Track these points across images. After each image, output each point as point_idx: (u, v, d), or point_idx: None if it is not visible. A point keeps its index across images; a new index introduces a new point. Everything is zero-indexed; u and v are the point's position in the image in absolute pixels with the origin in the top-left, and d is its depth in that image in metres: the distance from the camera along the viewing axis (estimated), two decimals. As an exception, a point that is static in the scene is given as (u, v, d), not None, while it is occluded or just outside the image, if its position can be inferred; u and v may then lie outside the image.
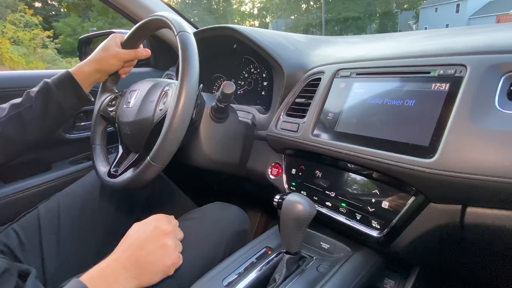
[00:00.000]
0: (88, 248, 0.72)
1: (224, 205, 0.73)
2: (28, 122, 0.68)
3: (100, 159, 0.76)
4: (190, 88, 0.56)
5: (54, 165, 1.00)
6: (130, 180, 0.60)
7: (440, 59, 0.50)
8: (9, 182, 0.90)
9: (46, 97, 0.69)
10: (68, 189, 0.80)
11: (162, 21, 0.64)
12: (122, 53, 0.74)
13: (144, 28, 0.72)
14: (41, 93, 0.69)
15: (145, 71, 1.20)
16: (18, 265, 0.55)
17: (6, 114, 0.67)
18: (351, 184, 0.59)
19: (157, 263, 0.49)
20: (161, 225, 0.54)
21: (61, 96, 0.70)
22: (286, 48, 0.80)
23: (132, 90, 0.72)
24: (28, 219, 0.71)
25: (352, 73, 0.63)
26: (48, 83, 0.69)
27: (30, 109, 0.68)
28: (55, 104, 0.70)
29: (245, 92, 1.01)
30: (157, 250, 0.50)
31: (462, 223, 0.46)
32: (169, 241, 0.52)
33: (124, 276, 0.47)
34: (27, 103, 0.68)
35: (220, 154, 0.76)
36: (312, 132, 0.64)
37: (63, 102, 0.70)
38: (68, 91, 0.71)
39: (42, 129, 0.71)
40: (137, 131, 0.68)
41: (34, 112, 0.68)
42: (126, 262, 0.48)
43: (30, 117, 0.68)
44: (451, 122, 0.44)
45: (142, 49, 0.78)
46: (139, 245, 0.50)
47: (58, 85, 0.70)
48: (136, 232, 0.53)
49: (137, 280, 0.48)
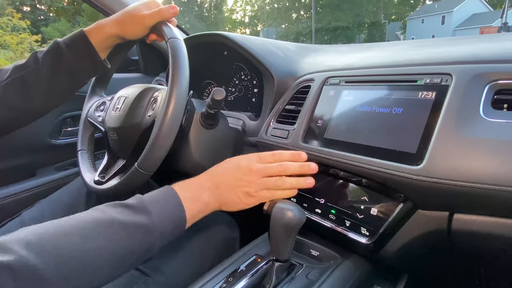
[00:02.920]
0: (72, 257, 0.70)
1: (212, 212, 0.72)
2: (32, 87, 0.60)
3: (86, 165, 0.74)
4: (180, 94, 0.55)
5: (38, 171, 0.97)
6: (117, 187, 0.59)
7: (426, 68, 0.51)
8: (-10, 189, 0.87)
9: (55, 60, 0.60)
10: (53, 196, 0.78)
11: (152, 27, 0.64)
12: (148, 17, 0.61)
13: None
14: (50, 54, 0.60)
15: (135, 76, 1.19)
16: None
17: (8, 77, 0.59)
18: (341, 191, 0.59)
19: (234, 198, 0.54)
20: (245, 163, 0.55)
21: (73, 59, 0.61)
22: (276, 55, 0.81)
23: (121, 96, 0.71)
24: (11, 226, 0.68)
25: (341, 81, 0.64)
26: (58, 43, 0.60)
27: (35, 72, 0.59)
28: (65, 68, 0.61)
29: (235, 98, 1.01)
30: (234, 189, 0.53)
31: (449, 229, 0.46)
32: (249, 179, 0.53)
33: (207, 193, 0.52)
34: (32, 65, 0.60)
35: (209, 160, 0.75)
36: (302, 139, 0.64)
37: (74, 66, 0.61)
38: (80, 54, 0.61)
39: (48, 97, 0.62)
40: (125, 137, 0.67)
41: (40, 76, 0.59)
42: (210, 183, 0.53)
43: (35, 81, 0.59)
44: (437, 130, 0.45)
45: (167, 7, 0.63)
46: (220, 175, 0.55)
47: (70, 46, 0.60)
48: (222, 164, 0.58)
49: (217, 202, 0.53)
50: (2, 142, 0.85)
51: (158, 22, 0.62)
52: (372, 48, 0.82)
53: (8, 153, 0.88)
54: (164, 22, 0.62)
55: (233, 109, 0.98)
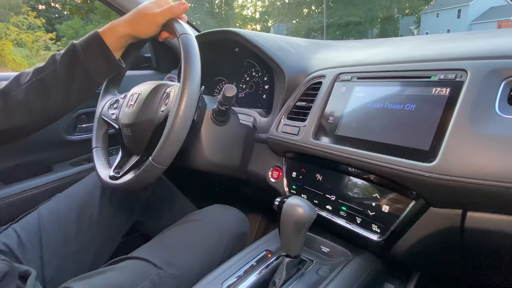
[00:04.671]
0: (87, 249, 0.72)
1: (224, 208, 0.73)
2: (51, 89, 0.61)
3: (101, 161, 0.76)
4: (192, 89, 0.56)
5: (55, 167, 1.00)
6: (132, 181, 0.60)
7: (440, 63, 0.50)
8: (10, 183, 0.90)
9: (71, 61, 0.61)
10: (69, 191, 0.80)
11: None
12: (159, 15, 0.62)
13: None
14: (67, 56, 0.61)
15: (147, 73, 1.21)
16: (18, 266, 0.55)
17: (28, 80, 0.60)
18: (352, 188, 0.59)
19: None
20: None
21: (88, 60, 0.61)
22: (287, 51, 0.81)
23: (134, 93, 0.72)
24: (28, 219, 0.70)
25: (353, 77, 0.63)
26: (74, 45, 0.61)
27: (54, 74, 0.60)
28: (81, 70, 0.61)
29: (246, 95, 1.01)
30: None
31: (462, 227, 0.46)
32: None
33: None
34: (51, 67, 0.61)
35: (220, 156, 0.76)
36: (313, 136, 0.64)
37: (90, 67, 0.62)
38: (96, 55, 0.62)
39: (66, 97, 0.63)
40: (139, 133, 0.68)
41: (58, 78, 0.61)
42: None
43: (53, 83, 0.61)
44: (451, 127, 0.44)
45: (177, 4, 0.64)
46: None
47: (85, 48, 0.61)
48: None
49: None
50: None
51: (169, 20, 0.63)
52: (385, 44, 0.81)
53: (26, 149, 0.91)
54: (175, 19, 0.63)
55: (244, 106, 0.98)
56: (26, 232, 0.66)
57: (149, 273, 0.55)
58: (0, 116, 0.58)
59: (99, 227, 0.76)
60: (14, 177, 0.91)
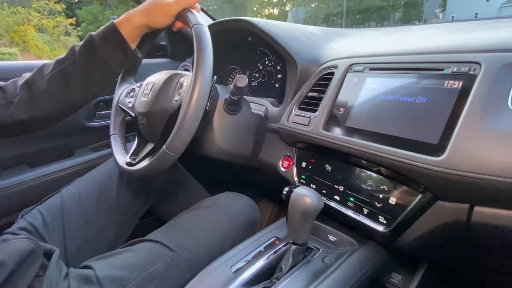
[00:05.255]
0: (106, 231, 0.76)
1: (235, 195, 0.76)
2: (71, 79, 0.63)
3: (118, 148, 0.79)
4: (204, 80, 0.57)
5: (76, 151, 1.05)
6: (147, 168, 0.63)
7: (454, 56, 0.49)
8: (35, 166, 0.95)
9: (90, 52, 0.63)
10: (89, 175, 0.84)
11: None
12: (173, 5, 0.64)
13: None
14: (86, 47, 0.63)
15: (162, 62, 1.22)
16: (43, 244, 0.60)
17: (51, 71, 0.63)
18: (360, 179, 0.59)
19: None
20: None
21: (106, 50, 0.63)
22: (300, 41, 0.80)
23: (149, 82, 0.75)
24: (52, 202, 0.75)
25: (365, 68, 0.63)
26: (92, 37, 0.63)
27: (73, 65, 0.63)
28: (99, 60, 0.63)
29: (259, 84, 1.01)
30: None
31: (468, 222, 0.46)
32: None
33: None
34: (71, 58, 0.63)
35: (232, 145, 0.78)
36: (323, 127, 0.64)
37: (108, 57, 0.64)
38: (112, 46, 0.64)
39: (86, 87, 0.65)
40: (154, 121, 0.70)
41: (78, 68, 0.63)
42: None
43: (73, 73, 0.63)
44: (461, 121, 0.44)
45: None
46: None
47: (102, 39, 0.63)
48: None
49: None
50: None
51: (182, 9, 0.63)
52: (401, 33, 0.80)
53: (49, 135, 0.96)
54: (188, 9, 0.63)
55: (257, 95, 0.99)
56: (49, 214, 0.71)
57: (163, 255, 0.59)
58: (26, 105, 0.61)
59: (117, 210, 0.80)
60: (39, 161, 0.96)
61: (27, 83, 0.63)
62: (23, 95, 0.61)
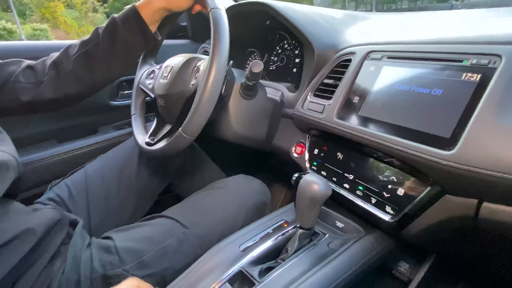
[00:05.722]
0: (126, 205, 0.81)
1: (247, 178, 0.78)
2: (95, 61, 0.66)
3: (138, 128, 0.83)
4: (220, 65, 0.58)
5: (100, 129, 1.10)
6: (164, 149, 0.66)
7: (474, 47, 0.47)
8: (63, 142, 1.01)
9: (112, 34, 0.65)
10: (111, 152, 0.89)
11: None
12: None
13: None
14: (108, 29, 0.66)
15: (183, 43, 1.24)
16: (68, 215, 0.65)
17: (76, 52, 0.66)
18: (370, 169, 0.60)
19: None
20: None
21: (127, 33, 0.65)
22: (319, 25, 0.79)
23: (168, 65, 0.76)
24: (77, 176, 0.80)
25: (383, 57, 0.61)
26: (115, 19, 0.66)
27: (97, 47, 0.66)
28: (121, 42, 0.66)
29: (277, 68, 1.01)
30: None
31: (476, 217, 0.46)
32: None
33: None
34: (95, 40, 0.66)
35: (246, 129, 0.79)
36: (337, 115, 0.64)
37: (129, 40, 0.66)
38: (133, 28, 0.66)
39: (108, 68, 0.68)
40: (171, 104, 0.73)
41: (101, 50, 0.66)
42: None
43: (97, 55, 0.66)
44: (475, 116, 0.43)
45: None
46: None
47: (124, 21, 0.65)
48: None
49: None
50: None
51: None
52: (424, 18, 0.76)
53: (76, 112, 1.01)
54: None
55: (274, 79, 0.99)
56: (75, 187, 0.76)
57: (177, 231, 0.62)
58: (54, 85, 0.65)
59: (137, 187, 0.84)
60: (66, 137, 1.02)
61: (54, 63, 0.66)
62: (51, 75, 0.65)
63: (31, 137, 0.94)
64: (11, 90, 0.63)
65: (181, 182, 0.97)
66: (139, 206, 0.85)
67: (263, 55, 1.05)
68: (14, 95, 0.63)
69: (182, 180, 0.96)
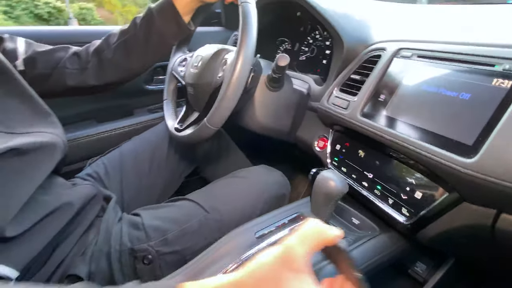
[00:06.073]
0: (155, 185, 0.87)
1: (269, 169, 0.80)
2: (132, 49, 0.71)
3: (170, 113, 0.87)
4: (246, 59, 0.60)
5: (135, 112, 1.17)
6: (190, 137, 0.70)
7: (508, 51, 0.45)
8: (101, 122, 1.09)
9: (148, 24, 0.69)
10: (144, 134, 0.95)
11: None
12: None
13: None
14: (145, 20, 0.69)
15: (216, 30, 1.26)
16: (103, 190, 0.72)
17: (116, 41, 0.71)
18: (390, 169, 0.59)
19: None
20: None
21: (162, 23, 0.69)
22: (350, 18, 0.77)
23: (198, 55, 0.79)
24: (113, 154, 0.87)
25: (413, 55, 0.60)
26: (151, 10, 0.69)
27: (135, 36, 0.70)
28: (156, 32, 0.70)
29: (307, 58, 1.00)
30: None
31: (493, 227, 0.45)
32: None
33: None
34: (132, 30, 0.70)
35: (271, 121, 0.81)
36: (361, 113, 0.64)
37: (164, 30, 0.70)
38: (168, 19, 0.69)
39: (144, 56, 0.73)
40: (199, 93, 0.76)
41: (138, 39, 0.70)
42: None
43: (134, 44, 0.70)
44: (501, 125, 0.41)
45: None
46: None
47: (159, 12, 0.69)
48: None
49: None
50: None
51: None
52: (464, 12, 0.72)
53: (114, 95, 1.08)
54: None
55: (303, 70, 0.99)
56: (110, 165, 0.83)
57: (198, 214, 0.67)
58: (96, 73, 0.71)
59: (166, 168, 0.90)
60: (105, 118, 1.10)
61: (96, 51, 0.72)
62: (94, 62, 0.71)
63: (74, 117, 1.03)
64: (59, 76, 0.69)
65: (208, 167, 1.01)
66: (167, 186, 0.91)
67: (294, 45, 1.04)
68: (61, 80, 0.69)
69: (209, 165, 1.01)
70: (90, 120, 1.08)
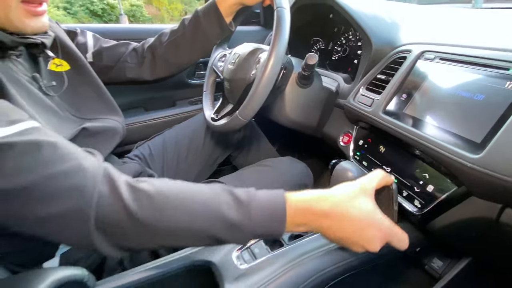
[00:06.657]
0: (192, 169, 0.97)
1: (293, 161, 0.86)
2: (181, 47, 0.80)
3: (207, 104, 0.97)
4: (276, 60, 0.66)
5: (178, 103, 1.29)
6: (223, 126, 0.78)
7: (523, 56, 0.47)
8: (148, 110, 1.22)
9: (195, 25, 0.78)
10: (185, 123, 1.05)
11: None
12: None
13: None
14: (192, 21, 0.79)
15: (254, 29, 1.33)
16: (148, 170, 0.83)
17: (167, 39, 0.81)
18: (407, 164, 0.63)
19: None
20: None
21: (207, 25, 0.78)
22: (380, 20, 0.80)
23: (236, 52, 0.87)
24: (157, 140, 0.99)
25: (436, 57, 0.63)
26: (198, 12, 0.78)
27: (183, 36, 0.79)
28: (202, 32, 0.78)
29: (339, 58, 1.04)
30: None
31: (497, 221, 0.48)
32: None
33: (317, 229, 0.45)
34: (181, 30, 0.80)
35: (299, 116, 0.87)
36: (383, 110, 0.68)
37: (208, 30, 0.78)
38: (212, 20, 0.77)
39: (190, 55, 0.82)
40: (234, 88, 0.84)
41: (186, 39, 0.79)
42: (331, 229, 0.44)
43: (182, 42, 0.79)
44: (508, 124, 0.44)
45: None
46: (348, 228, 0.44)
47: (205, 14, 0.77)
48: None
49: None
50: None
51: None
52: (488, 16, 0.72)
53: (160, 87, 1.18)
54: None
55: (335, 68, 1.03)
56: (155, 148, 0.94)
57: None
58: (150, 69, 0.82)
59: (202, 155, 0.99)
60: (151, 107, 1.23)
61: (150, 47, 0.83)
62: (148, 58, 0.82)
63: (126, 105, 1.16)
64: (120, 68, 0.81)
65: (239, 155, 1.09)
66: (202, 171, 1.01)
67: (328, 44, 1.09)
68: (122, 72, 0.81)
69: (240, 154, 1.09)
70: (139, 108, 1.21)
